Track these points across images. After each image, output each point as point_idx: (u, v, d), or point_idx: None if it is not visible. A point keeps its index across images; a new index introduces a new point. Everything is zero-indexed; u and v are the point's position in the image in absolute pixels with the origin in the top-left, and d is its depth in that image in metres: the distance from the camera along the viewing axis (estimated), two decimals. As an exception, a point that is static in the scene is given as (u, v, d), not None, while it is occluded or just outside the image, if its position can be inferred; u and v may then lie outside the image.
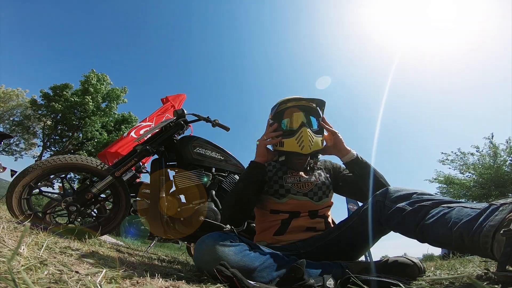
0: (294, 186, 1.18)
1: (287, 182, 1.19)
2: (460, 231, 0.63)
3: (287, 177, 1.21)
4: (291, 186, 1.18)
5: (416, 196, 0.82)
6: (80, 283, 0.46)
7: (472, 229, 0.59)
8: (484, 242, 0.56)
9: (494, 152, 10.34)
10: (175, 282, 0.66)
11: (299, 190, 1.17)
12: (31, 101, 16.51)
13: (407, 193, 0.85)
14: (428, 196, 0.81)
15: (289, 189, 1.17)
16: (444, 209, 0.72)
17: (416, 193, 0.83)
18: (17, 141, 18.00)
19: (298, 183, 1.19)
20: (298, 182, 1.20)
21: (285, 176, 1.22)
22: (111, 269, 0.63)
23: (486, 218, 0.59)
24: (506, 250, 0.49)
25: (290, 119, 1.22)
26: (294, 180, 1.20)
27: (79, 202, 1.55)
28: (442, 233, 0.68)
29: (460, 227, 0.64)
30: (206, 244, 0.82)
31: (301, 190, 1.17)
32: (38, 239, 0.74)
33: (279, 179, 1.21)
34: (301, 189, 1.18)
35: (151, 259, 1.64)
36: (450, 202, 0.74)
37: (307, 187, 1.18)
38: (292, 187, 1.18)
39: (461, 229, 0.63)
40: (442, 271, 1.16)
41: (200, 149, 1.85)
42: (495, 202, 0.61)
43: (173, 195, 1.82)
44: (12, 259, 0.44)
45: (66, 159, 1.56)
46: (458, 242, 0.64)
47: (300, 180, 1.20)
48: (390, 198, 0.87)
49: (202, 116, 1.98)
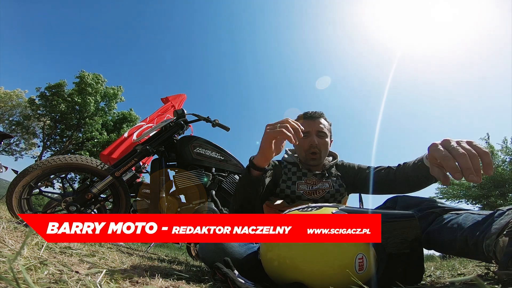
0: (305, 193, 1.17)
1: (299, 189, 1.18)
2: (465, 235, 0.63)
3: (301, 184, 1.20)
4: (302, 193, 1.17)
5: (426, 203, 0.82)
6: (80, 283, 0.46)
7: (476, 233, 0.59)
8: (487, 245, 0.56)
9: (490, 152, 10.37)
10: (175, 282, 0.66)
11: (309, 197, 1.17)
12: (29, 101, 16.50)
13: (418, 200, 0.85)
14: (438, 204, 0.81)
15: (300, 195, 1.17)
16: (452, 215, 0.72)
17: (428, 201, 0.83)
18: (17, 141, 18.00)
19: (310, 191, 1.18)
20: (310, 190, 1.18)
21: (298, 182, 1.20)
22: (111, 269, 0.63)
23: (492, 222, 0.58)
24: (508, 250, 0.49)
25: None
26: (306, 187, 1.19)
27: (79, 202, 1.55)
28: (447, 238, 0.68)
29: (466, 231, 0.64)
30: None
31: (312, 197, 1.17)
32: (38, 239, 0.74)
33: (292, 184, 1.20)
34: (312, 196, 1.17)
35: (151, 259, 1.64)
36: (459, 210, 0.75)
37: (319, 194, 1.17)
38: (303, 195, 1.17)
39: (466, 233, 0.63)
40: (442, 271, 1.16)
41: (200, 149, 1.85)
42: (501, 208, 0.61)
43: (173, 195, 1.82)
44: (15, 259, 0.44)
45: (66, 159, 1.56)
46: (462, 246, 0.64)
47: (312, 188, 1.19)
48: (400, 204, 0.86)
49: (202, 116, 1.98)
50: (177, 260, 2.17)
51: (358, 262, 0.57)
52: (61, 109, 15.34)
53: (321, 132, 1.22)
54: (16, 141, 17.95)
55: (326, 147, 1.23)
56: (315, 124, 1.23)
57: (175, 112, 1.95)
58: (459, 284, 0.63)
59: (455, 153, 0.61)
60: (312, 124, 1.23)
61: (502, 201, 10.13)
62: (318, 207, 0.70)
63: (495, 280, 0.61)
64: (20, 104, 17.90)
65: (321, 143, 1.21)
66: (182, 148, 1.83)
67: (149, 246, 3.60)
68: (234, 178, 1.95)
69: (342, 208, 0.67)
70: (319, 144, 1.20)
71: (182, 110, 1.96)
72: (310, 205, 0.74)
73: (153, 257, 2.04)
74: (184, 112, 1.97)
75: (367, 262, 0.58)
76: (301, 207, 0.74)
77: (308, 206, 0.74)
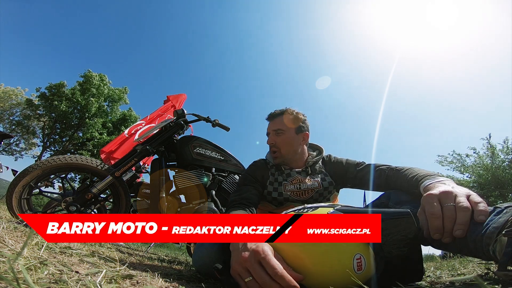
0: (293, 194, 1.16)
1: (286, 190, 1.17)
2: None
3: (287, 185, 1.18)
4: (290, 194, 1.16)
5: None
6: (80, 283, 0.46)
7: (475, 231, 0.59)
8: (486, 244, 0.56)
9: (492, 152, 10.36)
10: (175, 282, 0.66)
11: (298, 198, 1.15)
12: (27, 101, 16.47)
13: (412, 196, 0.83)
14: None
15: (287, 197, 1.16)
16: None
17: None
18: (17, 141, 17.99)
19: (298, 191, 1.16)
20: (298, 190, 1.17)
21: (284, 183, 1.18)
22: (111, 269, 0.63)
23: (490, 220, 0.58)
24: (507, 250, 0.49)
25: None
26: (294, 187, 1.17)
27: (79, 202, 1.55)
28: None
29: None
30: (205, 247, 0.82)
31: (301, 198, 1.15)
32: (38, 239, 0.74)
33: (279, 185, 1.18)
34: (301, 197, 1.16)
35: (151, 259, 1.64)
36: None
37: (307, 195, 1.16)
38: (290, 196, 1.15)
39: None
40: (442, 271, 1.16)
41: (200, 149, 1.85)
42: (499, 205, 0.61)
43: (173, 195, 1.82)
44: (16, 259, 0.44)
45: (66, 159, 1.56)
46: (462, 244, 0.63)
47: (300, 187, 1.17)
48: (394, 200, 0.85)
49: (202, 116, 1.98)
50: (177, 260, 2.18)
51: (356, 262, 0.57)
52: (61, 109, 15.31)
53: (277, 130, 1.25)
54: (16, 141, 17.94)
55: (284, 143, 1.24)
56: (273, 124, 1.29)
57: (175, 112, 1.95)
58: (459, 284, 0.62)
59: (445, 214, 0.62)
60: (271, 124, 1.29)
61: (502, 201, 10.10)
62: (314, 208, 0.70)
63: (495, 280, 0.61)
64: (20, 103, 17.89)
65: (277, 141, 1.24)
66: (182, 148, 1.83)
67: (149, 246, 3.60)
68: (234, 178, 1.95)
69: (338, 208, 0.67)
70: (276, 142, 1.24)
71: (182, 110, 1.96)
72: (306, 206, 0.74)
73: (153, 257, 2.04)
74: (184, 112, 1.97)
75: (365, 262, 0.58)
76: (297, 208, 0.74)
77: (304, 207, 0.74)
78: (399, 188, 0.93)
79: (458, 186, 0.70)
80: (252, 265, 0.58)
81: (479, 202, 0.62)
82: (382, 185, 1.04)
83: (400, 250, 0.61)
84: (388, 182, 1.01)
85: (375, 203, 0.91)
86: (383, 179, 1.04)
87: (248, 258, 0.59)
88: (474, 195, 0.64)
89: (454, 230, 0.60)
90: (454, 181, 0.75)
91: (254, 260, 0.58)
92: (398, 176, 0.96)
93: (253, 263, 0.58)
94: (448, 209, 0.62)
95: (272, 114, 1.31)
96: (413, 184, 0.84)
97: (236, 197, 1.07)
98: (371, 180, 1.09)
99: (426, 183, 0.77)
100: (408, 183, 0.88)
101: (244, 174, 1.26)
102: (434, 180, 0.76)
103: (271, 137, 1.27)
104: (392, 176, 0.99)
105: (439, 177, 0.78)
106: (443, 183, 0.74)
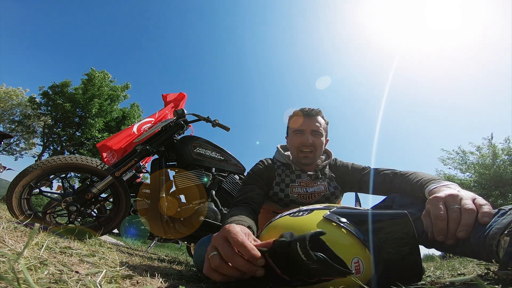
0: (300, 197, 1.15)
1: (293, 192, 1.15)
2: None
3: (294, 187, 1.17)
4: (297, 197, 1.15)
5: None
6: (80, 283, 0.46)
7: (478, 232, 0.59)
8: (489, 245, 0.56)
9: (493, 152, 10.37)
10: (175, 282, 0.66)
11: (304, 201, 1.14)
12: (29, 99, 16.45)
13: (417, 200, 0.83)
14: None
15: (294, 199, 1.15)
16: None
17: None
18: (17, 141, 17.98)
19: (305, 194, 1.15)
20: (305, 193, 1.15)
21: (292, 185, 1.17)
22: (111, 269, 0.63)
23: (494, 222, 0.58)
24: (509, 249, 0.49)
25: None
26: (301, 190, 1.16)
27: (79, 202, 1.55)
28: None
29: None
30: (207, 246, 0.82)
31: (307, 201, 1.15)
32: (38, 239, 0.74)
33: (286, 187, 1.17)
34: (307, 200, 1.15)
35: (151, 259, 1.64)
36: None
37: (314, 198, 1.15)
38: (297, 198, 1.15)
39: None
40: (442, 271, 1.16)
41: (200, 149, 1.85)
42: (504, 207, 0.61)
43: (173, 195, 1.82)
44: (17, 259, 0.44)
45: (66, 159, 1.56)
46: (465, 246, 0.63)
47: (307, 190, 1.16)
48: (398, 202, 0.85)
49: (202, 116, 1.98)
50: (177, 260, 2.18)
51: (354, 266, 0.57)
52: (64, 108, 15.28)
53: (316, 131, 1.19)
54: (16, 141, 17.93)
55: (320, 146, 1.21)
56: (311, 122, 1.20)
57: (175, 112, 1.95)
58: (459, 284, 0.62)
59: (450, 216, 0.62)
60: (308, 122, 1.20)
61: (502, 201, 10.10)
62: (310, 211, 0.70)
63: (495, 280, 0.61)
64: (21, 103, 17.87)
65: (315, 142, 1.18)
66: (182, 148, 1.83)
67: (149, 246, 3.60)
68: (234, 178, 1.95)
69: (333, 211, 0.67)
70: (314, 143, 1.18)
71: (182, 110, 1.96)
72: (302, 209, 0.74)
73: (153, 257, 2.04)
74: (184, 112, 1.97)
75: (363, 265, 0.58)
76: (292, 211, 0.74)
77: (299, 209, 0.74)
78: (403, 192, 0.92)
79: (464, 190, 0.70)
80: (218, 240, 0.59)
81: (484, 205, 0.62)
82: (387, 190, 1.04)
83: (400, 250, 0.61)
84: (393, 187, 1.00)
85: (379, 206, 0.91)
86: (387, 184, 1.03)
87: (217, 236, 0.61)
88: (480, 198, 0.64)
89: (458, 232, 0.60)
90: (458, 186, 0.75)
91: (221, 236, 0.59)
92: (402, 180, 0.95)
93: (219, 238, 0.59)
94: (454, 211, 0.62)
95: (310, 111, 1.21)
96: (417, 188, 0.84)
97: (240, 197, 1.06)
98: (375, 184, 1.09)
99: (431, 187, 0.76)
100: (413, 187, 0.87)
101: (249, 172, 1.23)
102: (440, 184, 0.76)
103: (309, 136, 1.18)
104: (397, 181, 0.99)
105: (444, 181, 0.78)
106: (448, 187, 0.74)
